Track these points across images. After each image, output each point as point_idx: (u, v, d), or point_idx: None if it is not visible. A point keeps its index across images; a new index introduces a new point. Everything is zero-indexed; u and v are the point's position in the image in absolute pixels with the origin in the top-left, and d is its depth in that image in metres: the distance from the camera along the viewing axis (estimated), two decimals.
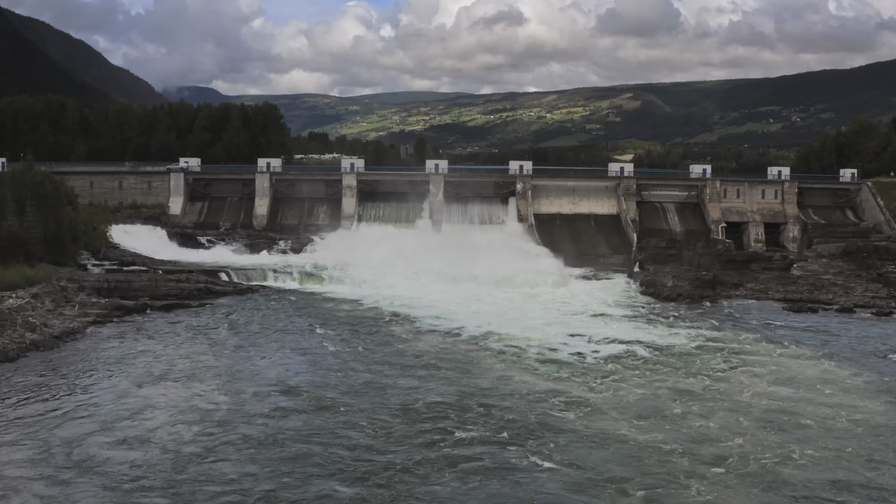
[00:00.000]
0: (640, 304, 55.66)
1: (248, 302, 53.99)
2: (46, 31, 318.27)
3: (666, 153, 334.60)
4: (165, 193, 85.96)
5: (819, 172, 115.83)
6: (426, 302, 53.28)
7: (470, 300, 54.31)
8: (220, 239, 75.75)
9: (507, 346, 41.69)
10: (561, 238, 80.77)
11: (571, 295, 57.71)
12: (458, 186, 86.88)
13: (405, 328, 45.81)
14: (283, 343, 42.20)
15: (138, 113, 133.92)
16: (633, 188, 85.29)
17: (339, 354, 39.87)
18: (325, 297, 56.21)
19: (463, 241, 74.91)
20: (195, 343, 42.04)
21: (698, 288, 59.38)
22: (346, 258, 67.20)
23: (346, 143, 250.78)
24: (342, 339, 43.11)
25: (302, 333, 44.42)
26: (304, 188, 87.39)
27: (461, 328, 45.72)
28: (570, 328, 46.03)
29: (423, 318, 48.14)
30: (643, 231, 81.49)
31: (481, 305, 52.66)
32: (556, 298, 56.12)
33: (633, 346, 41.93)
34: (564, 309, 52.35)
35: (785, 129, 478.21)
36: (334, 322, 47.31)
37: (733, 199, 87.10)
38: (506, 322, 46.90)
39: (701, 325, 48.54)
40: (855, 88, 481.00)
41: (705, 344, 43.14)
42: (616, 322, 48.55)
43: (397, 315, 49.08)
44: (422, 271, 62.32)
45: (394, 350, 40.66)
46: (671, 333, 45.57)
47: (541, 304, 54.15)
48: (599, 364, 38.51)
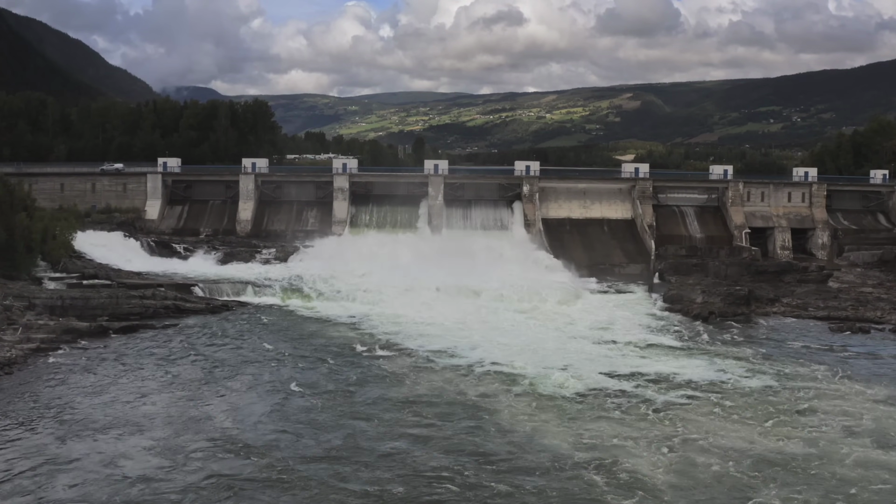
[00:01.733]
0: (667, 324, 48.83)
1: (220, 323, 47.21)
2: (44, 31, 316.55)
3: (668, 153, 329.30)
4: (142, 196, 79.25)
5: (835, 173, 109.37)
6: (424, 323, 46.45)
7: (474, 321, 47.43)
8: (199, 247, 68.94)
9: (522, 387, 34.22)
10: (572, 245, 74.07)
11: (588, 313, 50.90)
12: (459, 189, 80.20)
13: (397, 361, 38.44)
14: (249, 381, 35.13)
15: (121, 111, 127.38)
16: (650, 191, 78.61)
17: (312, 397, 32.66)
18: (309, 316, 49.41)
19: (464, 249, 68.20)
20: (147, 378, 35.27)
21: (731, 304, 52.67)
22: (336, 269, 60.43)
23: (343, 142, 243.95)
24: (321, 375, 36.04)
25: (274, 367, 37.38)
26: (292, 191, 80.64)
27: (464, 360, 38.49)
28: (595, 360, 38.82)
29: (420, 346, 41.05)
30: (660, 237, 74.84)
31: (487, 329, 45.62)
32: (571, 317, 49.31)
33: (678, 386, 34.69)
34: (583, 332, 45.32)
35: (786, 130, 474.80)
36: (315, 351, 40.24)
37: (757, 203, 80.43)
38: (517, 352, 39.75)
39: (746, 352, 41.58)
40: (855, 88, 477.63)
41: (763, 380, 35.90)
42: (647, 350, 41.38)
43: (390, 342, 41.98)
44: (419, 285, 55.58)
45: (381, 394, 33.15)
46: (717, 366, 38.23)
47: (554, 325, 47.26)
48: (643, 417, 30.49)
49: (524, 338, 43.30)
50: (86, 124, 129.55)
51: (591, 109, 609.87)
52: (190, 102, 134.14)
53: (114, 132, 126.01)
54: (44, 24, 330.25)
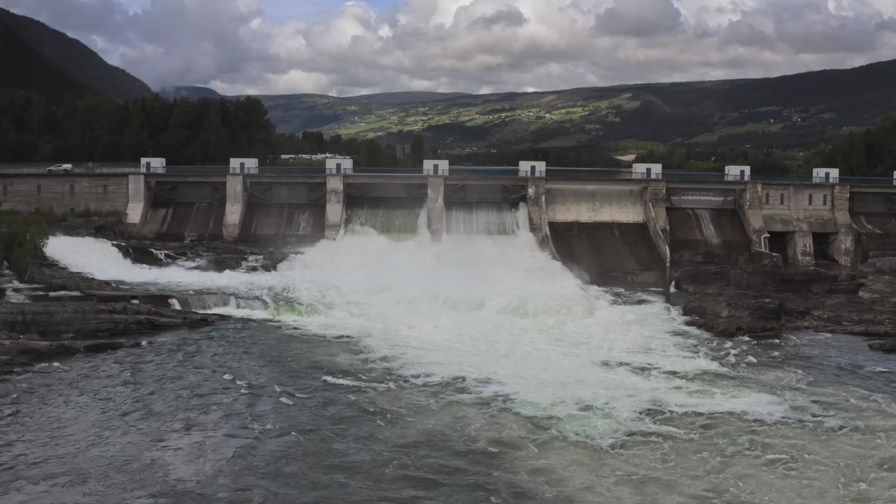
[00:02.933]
0: (692, 341, 44.10)
1: (197, 341, 42.51)
2: (41, 31, 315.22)
3: (669, 153, 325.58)
4: (123, 199, 74.63)
5: (847, 174, 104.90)
6: (424, 344, 41.65)
7: (479, 340, 42.69)
8: (181, 253, 64.29)
9: (546, 432, 28.27)
10: (580, 251, 69.46)
11: (605, 329, 46.18)
12: (461, 190, 75.62)
13: (392, 395, 33.05)
14: (218, 416, 30.18)
15: (108, 109, 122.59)
16: (663, 193, 74.01)
17: (288, 439, 27.52)
18: (297, 332, 44.68)
19: (466, 255, 63.57)
20: (103, 411, 30.58)
21: (760, 319, 48.03)
22: (328, 278, 55.81)
23: (341, 142, 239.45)
24: (302, 409, 31.01)
25: (250, 398, 32.42)
26: (283, 192, 76.02)
27: (473, 394, 33.08)
28: (631, 393, 33.28)
29: (420, 375, 35.83)
30: (674, 242, 70.29)
31: (495, 351, 40.70)
32: (588, 335, 44.59)
33: (739, 431, 28.74)
34: (599, 352, 40.46)
35: (786, 130, 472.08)
36: (298, 378, 35.29)
37: (776, 206, 75.84)
38: (535, 384, 34.32)
39: (791, 376, 36.64)
40: (856, 88, 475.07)
41: (833, 419, 30.39)
42: (685, 380, 35.49)
43: (384, 368, 37.01)
44: (419, 297, 50.94)
45: (370, 437, 27.76)
46: (773, 400, 32.54)
47: (566, 342, 42.52)
48: (705, 475, 24.88)
49: (540, 363, 37.99)
50: (72, 123, 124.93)
51: (591, 109, 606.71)
52: (180, 100, 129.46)
53: (101, 131, 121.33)
54: (42, 24, 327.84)
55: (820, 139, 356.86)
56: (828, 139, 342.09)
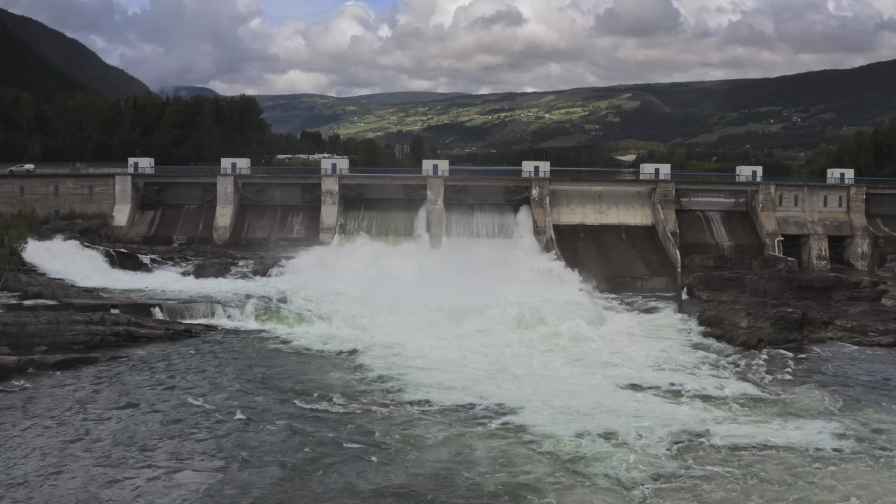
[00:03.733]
0: (714, 356, 40.87)
1: (178, 355, 39.44)
2: (40, 31, 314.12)
3: (670, 153, 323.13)
4: (110, 200, 71.53)
5: (856, 175, 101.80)
6: (423, 357, 38.55)
7: (483, 353, 39.57)
8: (169, 258, 61.15)
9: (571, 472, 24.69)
10: (587, 255, 66.40)
11: (614, 340, 43.15)
12: (461, 192, 72.57)
13: (388, 421, 29.60)
14: (187, 447, 26.86)
15: (99, 108, 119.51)
16: (672, 194, 70.96)
17: (260, 478, 24.17)
18: (286, 345, 41.61)
19: (467, 260, 60.51)
20: (63, 440, 27.44)
21: (782, 330, 44.99)
22: (322, 285, 52.76)
23: (339, 142, 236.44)
24: (282, 439, 27.48)
25: (227, 424, 29.05)
26: (276, 194, 72.95)
27: (477, 416, 29.83)
28: (648, 415, 29.83)
29: (418, 395, 32.46)
30: (684, 246, 67.22)
31: (501, 366, 37.51)
32: (599, 347, 41.52)
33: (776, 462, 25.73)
34: (619, 371, 37.05)
35: (786, 130, 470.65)
36: (283, 401, 31.89)
37: (790, 208, 72.78)
38: (543, 404, 30.94)
39: (831, 398, 33.30)
40: (856, 89, 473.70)
41: (883, 447, 27.51)
42: (713, 405, 31.95)
43: (381, 387, 33.82)
44: (418, 305, 47.86)
45: (361, 472, 24.42)
46: (809, 425, 29.35)
47: (580, 359, 39.33)
48: None
49: (555, 385, 34.31)
50: (62, 122, 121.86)
51: (590, 109, 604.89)
52: (172, 99, 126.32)
53: (91, 130, 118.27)
54: (40, 24, 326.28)
55: (820, 139, 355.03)
56: (828, 139, 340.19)
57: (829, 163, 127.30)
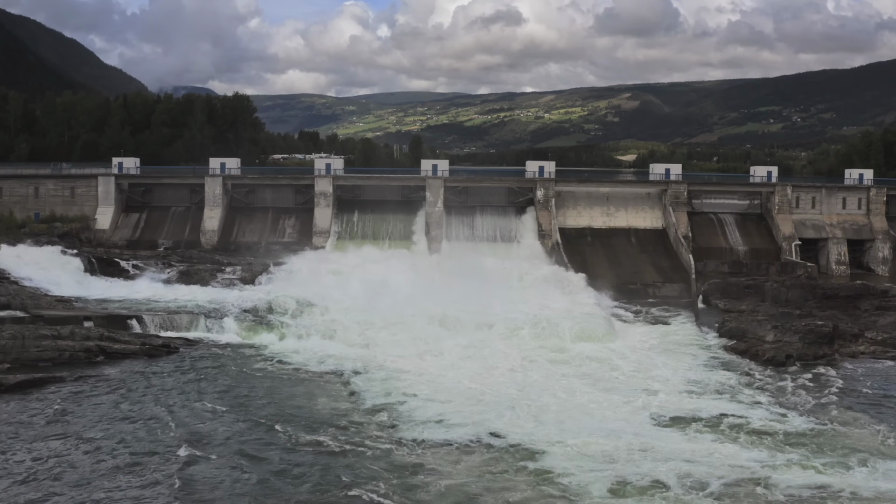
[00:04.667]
0: (744, 378, 36.85)
1: (151, 374, 35.82)
2: (38, 30, 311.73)
3: (670, 153, 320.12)
4: (92, 202, 68.14)
5: None
6: (424, 378, 34.90)
7: (489, 373, 35.88)
8: (152, 264, 57.62)
9: None
10: (595, 260, 62.96)
11: (632, 357, 39.59)
12: (462, 193, 69.16)
13: (384, 461, 25.53)
14: (149, 493, 23.05)
15: (88, 106, 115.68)
16: (684, 196, 67.50)
17: None
18: (272, 363, 38.00)
19: (468, 266, 57.10)
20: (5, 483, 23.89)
21: (812, 344, 41.51)
22: (314, 294, 49.09)
23: (337, 142, 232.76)
24: (260, 484, 23.70)
25: (196, 465, 25.21)
26: (267, 195, 69.51)
27: (493, 458, 25.69)
28: (696, 457, 25.69)
29: (420, 430, 28.34)
30: (696, 250, 63.84)
31: (513, 390, 33.55)
32: (617, 366, 37.85)
33: None
34: (642, 395, 33.04)
35: (786, 130, 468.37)
36: (264, 431, 28.24)
37: (807, 210, 69.36)
38: (569, 442, 26.78)
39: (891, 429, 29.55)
40: (856, 88, 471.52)
41: None
42: (766, 443, 27.60)
43: (377, 420, 29.75)
44: (418, 317, 44.31)
45: None
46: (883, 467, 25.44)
47: (597, 379, 35.45)
48: None
49: (579, 415, 29.92)
50: (50, 120, 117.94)
51: (590, 109, 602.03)
52: (164, 97, 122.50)
53: (80, 129, 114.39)
54: (38, 23, 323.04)
55: (821, 139, 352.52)
56: (829, 139, 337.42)
57: (839, 163, 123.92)
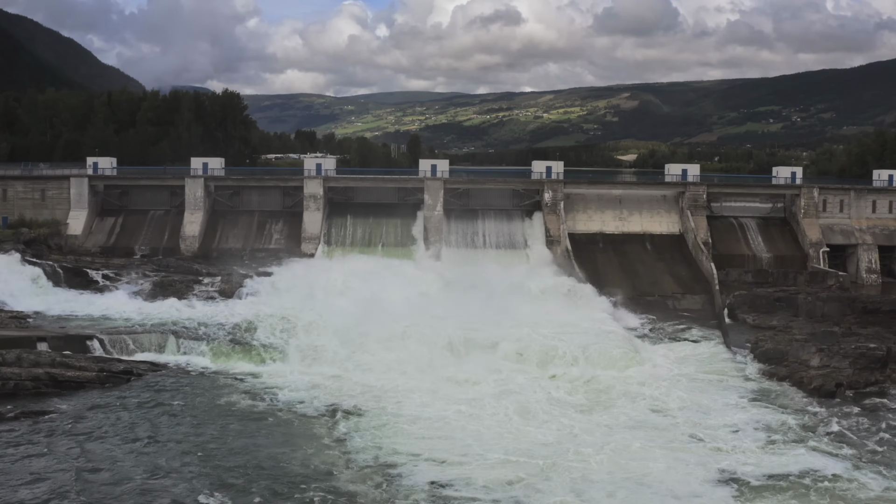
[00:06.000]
0: (794, 414, 31.85)
1: (106, 409, 30.86)
2: (35, 29, 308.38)
3: (671, 153, 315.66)
4: (64, 206, 63.04)
5: None
6: (426, 416, 29.80)
7: (504, 413, 30.55)
8: (125, 274, 52.54)
9: None
10: (608, 269, 58.00)
11: (661, 388, 34.49)
12: (463, 196, 64.20)
13: None
14: None
15: (71, 103, 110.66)
16: (703, 198, 62.53)
17: None
18: (247, 397, 32.99)
19: (471, 276, 52.24)
20: None
21: (864, 370, 36.55)
22: (300, 309, 44.19)
23: (334, 142, 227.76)
24: None
25: None
26: (253, 198, 64.47)
27: None
28: None
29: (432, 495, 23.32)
30: (717, 258, 58.84)
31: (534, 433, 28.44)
32: (645, 402, 32.70)
33: None
34: (694, 445, 27.89)
35: (786, 129, 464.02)
36: (229, 493, 23.46)
37: (835, 214, 64.43)
38: None
39: None
40: (856, 88, 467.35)
41: None
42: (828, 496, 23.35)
43: (373, 477, 24.66)
44: (414, 335, 39.36)
45: None
46: None
47: (635, 421, 30.16)
48: None
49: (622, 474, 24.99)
50: (32, 118, 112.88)
51: (589, 109, 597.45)
52: (150, 93, 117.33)
53: (62, 128, 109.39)
54: (35, 23, 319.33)
55: (821, 139, 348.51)
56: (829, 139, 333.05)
57: (851, 163, 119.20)
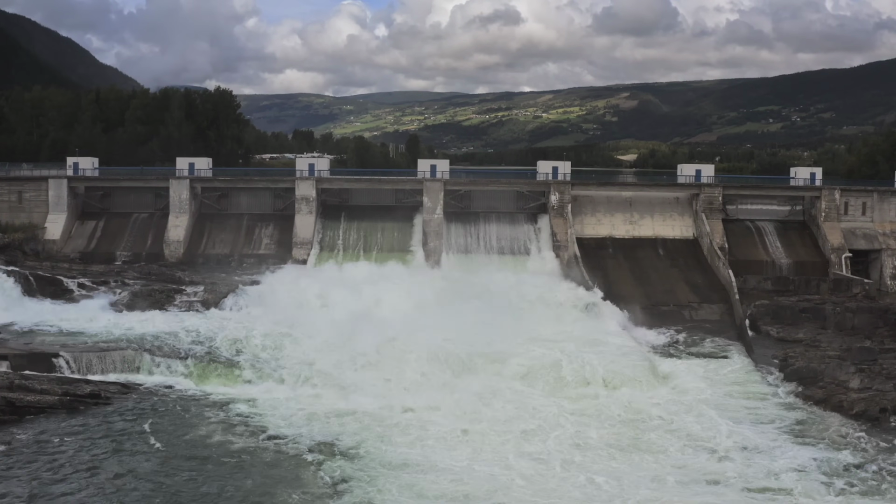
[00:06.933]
0: (853, 452, 28.32)
1: (66, 440, 27.37)
2: (33, 29, 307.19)
3: (672, 153, 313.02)
4: (42, 209, 59.60)
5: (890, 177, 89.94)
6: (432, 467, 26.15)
7: (525, 449, 26.94)
8: (102, 282, 49.01)
9: None
10: (618, 276, 54.51)
11: (692, 411, 31.01)
12: (465, 198, 60.78)
13: None
14: None
15: (58, 101, 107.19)
16: (719, 201, 59.10)
17: None
18: (229, 423, 29.51)
19: (473, 284, 48.74)
20: None
21: None
22: (290, 322, 40.74)
23: (332, 141, 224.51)
24: None
25: None
26: (242, 200, 61.01)
27: None
28: None
29: None
30: (733, 263, 55.30)
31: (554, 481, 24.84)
32: (667, 421, 29.42)
33: None
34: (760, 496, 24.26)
35: (786, 129, 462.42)
36: None
37: (857, 217, 60.99)
38: None
39: None
40: (855, 88, 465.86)
41: None
42: None
43: None
44: (414, 351, 35.91)
45: None
46: None
47: (677, 461, 26.48)
48: None
49: None
50: (18, 117, 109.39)
51: (588, 109, 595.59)
52: (139, 91, 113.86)
53: (49, 126, 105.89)
54: (33, 22, 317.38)
55: (822, 139, 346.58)
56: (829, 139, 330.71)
57: (860, 163, 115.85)
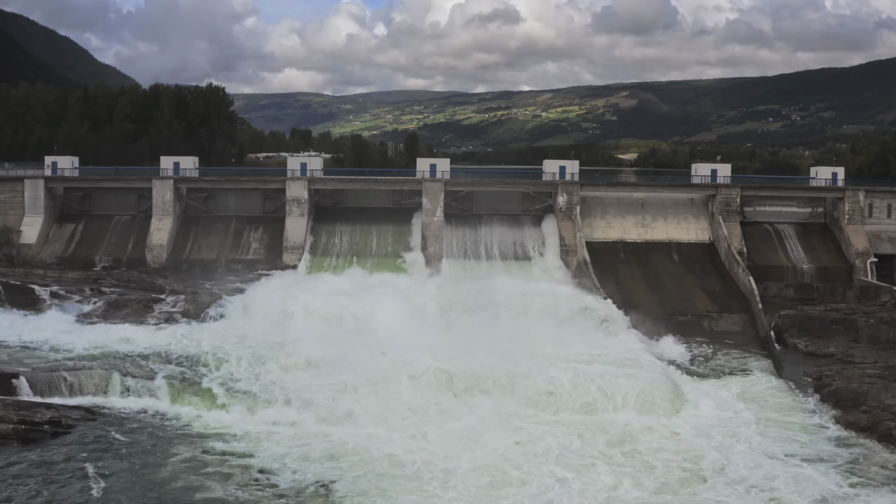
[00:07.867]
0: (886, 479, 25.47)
1: (26, 475, 23.92)
2: (31, 28, 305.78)
3: (672, 152, 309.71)
4: (18, 211, 56.11)
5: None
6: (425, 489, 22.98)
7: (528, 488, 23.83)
8: (77, 291, 45.51)
9: None
10: (631, 284, 50.99)
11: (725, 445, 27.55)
12: (466, 199, 57.34)
13: None
14: None
15: (45, 99, 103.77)
16: (736, 202, 55.62)
17: None
18: (206, 454, 26.02)
19: (476, 293, 45.31)
20: None
21: None
22: (277, 337, 37.30)
23: (329, 140, 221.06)
24: None
25: None
26: (230, 202, 57.54)
27: None
28: None
29: None
30: (752, 269, 51.81)
31: None
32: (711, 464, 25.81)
33: None
34: None
35: (785, 128, 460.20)
36: None
37: (882, 219, 57.54)
38: None
39: None
40: (855, 87, 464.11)
41: None
42: None
43: None
44: (411, 371, 32.46)
45: None
46: None
47: None
48: None
49: None
50: (4, 115, 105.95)
51: (588, 108, 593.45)
52: (128, 88, 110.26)
53: (35, 125, 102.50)
54: (31, 21, 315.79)
55: (822, 138, 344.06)
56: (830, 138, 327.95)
57: (870, 163, 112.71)
